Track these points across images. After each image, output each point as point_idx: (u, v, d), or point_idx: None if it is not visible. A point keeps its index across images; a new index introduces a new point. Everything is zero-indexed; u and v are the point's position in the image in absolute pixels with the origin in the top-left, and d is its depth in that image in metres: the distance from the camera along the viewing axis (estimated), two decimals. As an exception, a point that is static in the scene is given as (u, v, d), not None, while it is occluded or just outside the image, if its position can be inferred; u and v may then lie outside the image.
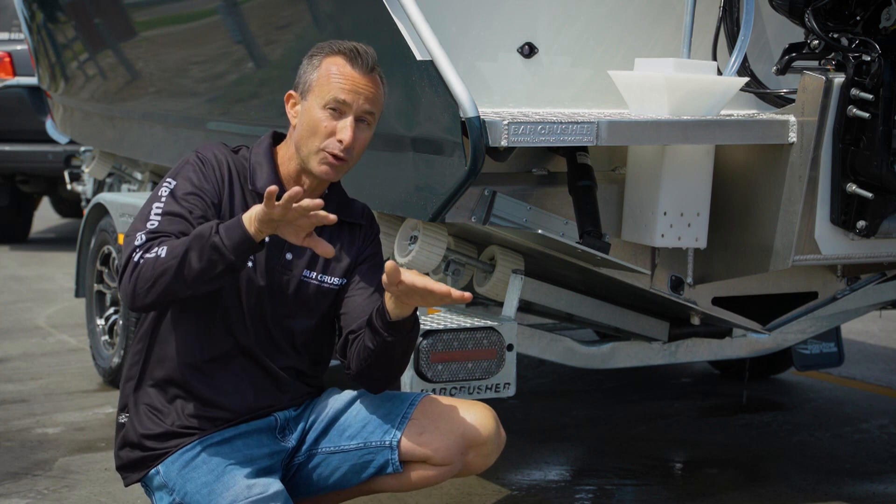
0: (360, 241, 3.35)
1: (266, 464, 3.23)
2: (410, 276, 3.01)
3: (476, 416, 3.27)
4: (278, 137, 3.34)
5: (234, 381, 3.24)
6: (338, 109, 3.15)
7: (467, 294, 3.00)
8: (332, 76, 3.16)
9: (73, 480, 4.51)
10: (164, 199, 3.16)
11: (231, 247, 2.97)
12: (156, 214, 3.13)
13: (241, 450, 3.21)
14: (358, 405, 3.33)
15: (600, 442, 5.14)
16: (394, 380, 3.31)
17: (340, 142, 3.14)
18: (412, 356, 3.79)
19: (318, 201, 2.92)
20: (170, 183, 3.19)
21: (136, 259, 3.05)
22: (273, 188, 2.89)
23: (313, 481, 3.33)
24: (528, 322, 4.59)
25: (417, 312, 3.18)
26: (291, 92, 3.25)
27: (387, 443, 3.25)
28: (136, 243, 3.07)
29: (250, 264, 3.19)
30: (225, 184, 3.22)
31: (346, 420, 3.31)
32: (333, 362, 3.44)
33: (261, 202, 3.07)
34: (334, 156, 3.16)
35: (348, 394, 3.38)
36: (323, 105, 3.15)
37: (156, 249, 3.03)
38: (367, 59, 3.18)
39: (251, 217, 2.97)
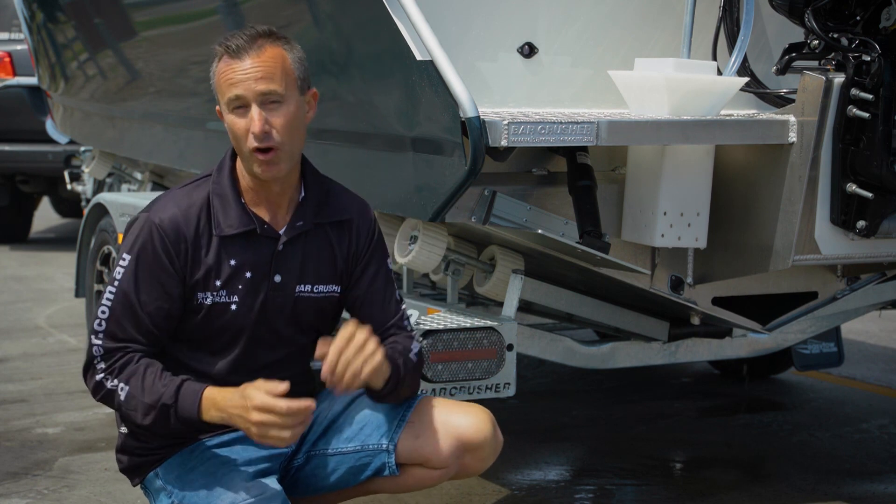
0: (351, 237, 3.26)
1: (264, 466, 3.22)
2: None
3: (473, 419, 3.25)
4: None
5: None
6: (241, 107, 3.06)
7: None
8: (221, 77, 3.07)
9: (73, 480, 4.51)
10: (116, 286, 3.10)
11: (187, 429, 3.10)
12: (108, 305, 3.09)
13: (240, 453, 3.21)
14: (355, 407, 3.32)
15: (600, 442, 5.14)
16: (412, 396, 3.30)
17: (254, 134, 3.03)
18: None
19: (307, 405, 2.93)
20: (124, 261, 3.11)
21: (98, 377, 3.09)
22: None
23: (311, 483, 3.33)
24: (528, 322, 4.59)
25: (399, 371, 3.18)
26: (217, 107, 3.17)
27: (384, 446, 3.24)
28: (95, 353, 3.09)
29: (234, 307, 3.14)
30: (189, 246, 3.11)
31: (344, 422, 3.31)
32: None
33: (229, 243, 3.10)
34: (259, 150, 3.05)
35: (345, 396, 3.36)
36: (229, 110, 3.07)
37: (116, 382, 3.06)
38: (242, 40, 3.06)
39: (213, 415, 3.01)
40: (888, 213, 3.84)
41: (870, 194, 3.77)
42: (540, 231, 3.82)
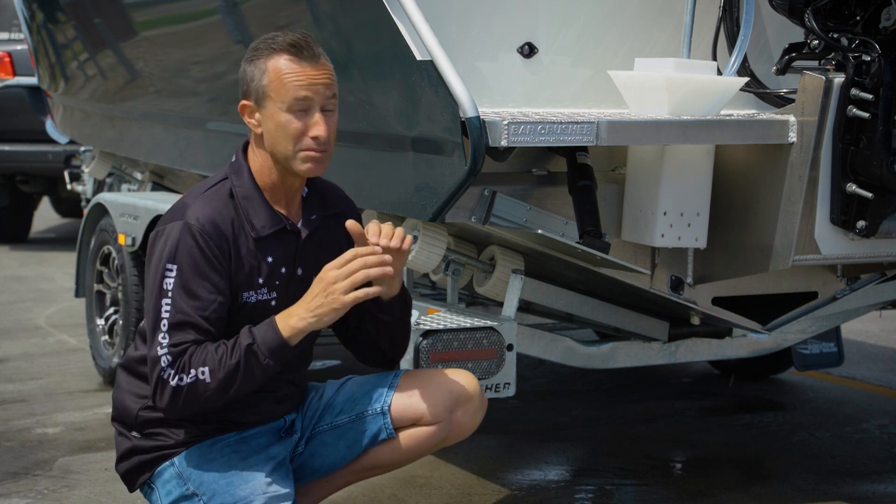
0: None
1: (282, 455, 3.29)
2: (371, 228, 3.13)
3: (460, 376, 3.38)
4: (248, 146, 3.27)
5: (253, 397, 3.25)
6: (302, 108, 3.11)
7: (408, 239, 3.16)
8: (284, 77, 3.10)
9: (73, 480, 4.51)
10: (170, 296, 3.08)
11: (278, 363, 3.09)
12: (167, 317, 3.07)
13: (257, 448, 3.27)
14: (345, 387, 3.43)
15: (600, 442, 5.14)
16: (405, 346, 3.40)
17: (316, 138, 3.11)
18: (412, 357, 3.82)
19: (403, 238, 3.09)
20: (171, 271, 3.09)
21: (172, 384, 3.05)
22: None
23: (311, 464, 3.39)
24: (528, 322, 4.59)
25: (406, 287, 3.31)
26: (245, 102, 3.17)
27: (378, 409, 3.33)
28: (163, 364, 3.05)
29: (273, 303, 3.20)
30: (230, 246, 3.15)
31: (336, 401, 3.40)
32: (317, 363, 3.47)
33: (264, 243, 3.14)
34: (314, 151, 3.13)
35: (334, 382, 3.47)
36: (286, 108, 3.10)
37: (193, 371, 3.04)
38: (311, 46, 3.12)
39: (295, 326, 3.06)
40: (888, 213, 3.84)
41: (870, 194, 3.77)
42: (540, 231, 3.82)
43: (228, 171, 3.24)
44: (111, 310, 5.93)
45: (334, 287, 3.04)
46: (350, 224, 3.11)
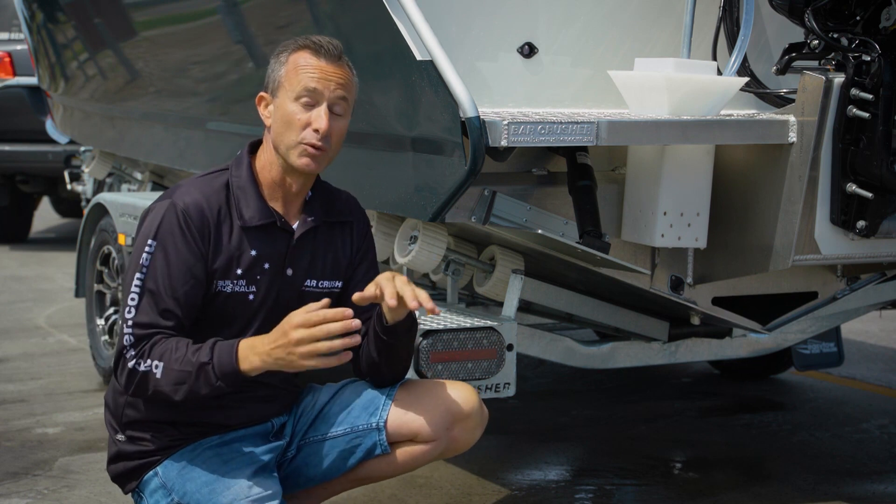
0: (352, 239, 3.35)
1: (265, 460, 3.25)
2: (382, 285, 3.05)
3: (458, 391, 3.32)
4: (255, 146, 3.29)
5: (235, 398, 3.24)
6: (310, 99, 3.13)
7: (437, 310, 3.04)
8: (299, 68, 3.15)
9: (73, 480, 4.51)
10: (144, 272, 3.10)
11: (230, 387, 3.05)
12: (137, 292, 3.09)
13: (240, 451, 3.24)
14: (341, 394, 3.38)
15: (600, 442, 5.14)
16: (403, 375, 3.35)
17: (317, 130, 3.12)
18: (412, 357, 3.81)
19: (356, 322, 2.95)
20: (150, 247, 3.11)
21: (130, 365, 3.07)
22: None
23: (304, 472, 3.37)
24: (528, 322, 4.59)
25: (416, 313, 3.21)
26: (262, 93, 3.23)
27: (374, 424, 3.28)
28: (126, 342, 3.07)
29: (251, 297, 3.19)
30: (212, 232, 3.15)
31: (332, 409, 3.36)
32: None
33: (250, 234, 3.12)
34: (313, 146, 3.13)
35: (330, 386, 3.42)
36: (295, 98, 3.13)
37: (150, 362, 3.05)
38: (332, 48, 3.17)
39: (253, 361, 3.01)
40: (888, 213, 3.84)
41: (870, 194, 3.77)
42: (540, 231, 3.82)
43: (230, 164, 3.26)
44: (111, 310, 5.93)
45: (296, 348, 2.96)
46: (356, 297, 3.08)
